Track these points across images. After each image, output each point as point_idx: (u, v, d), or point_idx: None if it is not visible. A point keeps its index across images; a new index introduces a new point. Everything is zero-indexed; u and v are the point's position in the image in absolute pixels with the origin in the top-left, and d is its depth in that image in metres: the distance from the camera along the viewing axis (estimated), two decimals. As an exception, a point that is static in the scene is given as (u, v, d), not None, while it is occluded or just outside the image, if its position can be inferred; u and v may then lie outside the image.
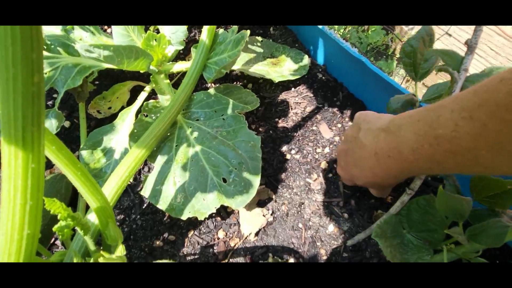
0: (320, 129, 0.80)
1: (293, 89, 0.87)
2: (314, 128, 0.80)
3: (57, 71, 0.62)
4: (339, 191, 0.69)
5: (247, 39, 0.92)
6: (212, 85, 0.87)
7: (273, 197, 0.69)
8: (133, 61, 0.60)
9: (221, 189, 0.56)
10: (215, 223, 0.66)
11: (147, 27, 0.82)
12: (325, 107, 0.83)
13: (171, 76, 0.86)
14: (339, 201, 0.67)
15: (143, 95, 0.76)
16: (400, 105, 0.53)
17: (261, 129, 0.80)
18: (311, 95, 0.85)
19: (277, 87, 0.87)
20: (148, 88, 0.77)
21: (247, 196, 0.56)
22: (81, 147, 0.68)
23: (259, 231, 0.64)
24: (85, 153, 0.68)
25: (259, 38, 0.93)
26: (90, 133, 0.71)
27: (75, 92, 0.67)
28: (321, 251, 0.62)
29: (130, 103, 0.78)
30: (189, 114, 0.65)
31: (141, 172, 0.74)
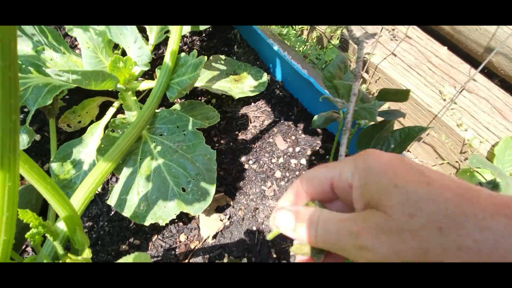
0: (276, 141, 0.88)
1: (253, 104, 0.96)
2: (270, 140, 0.88)
3: (28, 91, 0.67)
4: (289, 197, 0.77)
5: (211, 58, 1.00)
6: (178, 100, 0.94)
7: (231, 203, 0.77)
8: (100, 83, 0.66)
9: (180, 198, 0.63)
10: (177, 228, 0.73)
11: (114, 48, 0.88)
12: (281, 121, 0.92)
13: (139, 92, 0.92)
14: (289, 206, 0.76)
15: (112, 110, 0.82)
16: (322, 122, 0.63)
17: (222, 141, 0.88)
18: (269, 110, 0.94)
19: (239, 102, 0.96)
20: (116, 103, 0.83)
21: (204, 203, 0.63)
22: (51, 159, 0.73)
23: (216, 234, 0.71)
24: (55, 166, 0.73)
25: (223, 56, 1.01)
26: (60, 146, 0.76)
27: (46, 109, 0.73)
28: (272, 250, 0.70)
29: (99, 117, 0.84)
30: (153, 129, 0.71)
31: (109, 182, 0.80)
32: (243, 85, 0.96)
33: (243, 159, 0.84)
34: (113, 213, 0.75)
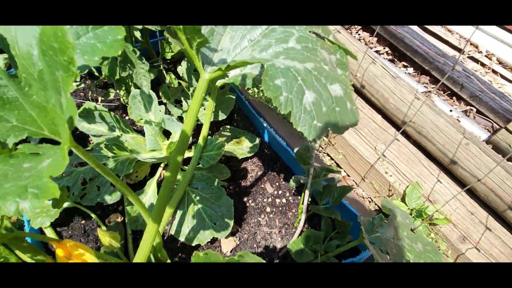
0: (265, 186, 1.35)
1: (249, 160, 1.42)
2: (262, 185, 1.34)
3: (118, 163, 1.10)
4: (276, 225, 1.23)
5: (221, 128, 1.46)
6: (199, 158, 1.39)
7: (239, 229, 1.21)
8: (163, 159, 1.11)
9: (213, 228, 1.07)
10: (208, 246, 1.17)
11: (167, 133, 1.32)
12: (269, 172, 1.38)
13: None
14: (276, 231, 1.22)
15: (160, 169, 1.26)
16: (295, 182, 1.09)
17: (231, 187, 1.33)
18: (261, 164, 1.41)
19: (240, 159, 1.42)
20: (162, 165, 1.27)
21: (227, 231, 1.08)
22: (125, 204, 1.16)
23: (232, 249, 1.16)
24: (129, 208, 1.15)
25: (228, 126, 1.47)
26: (129, 195, 1.18)
27: (132, 176, 1.15)
28: (265, 258, 1.15)
29: (151, 174, 1.27)
30: (192, 185, 1.16)
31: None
32: (243, 146, 1.42)
33: (245, 199, 1.30)
34: (166, 237, 1.18)
